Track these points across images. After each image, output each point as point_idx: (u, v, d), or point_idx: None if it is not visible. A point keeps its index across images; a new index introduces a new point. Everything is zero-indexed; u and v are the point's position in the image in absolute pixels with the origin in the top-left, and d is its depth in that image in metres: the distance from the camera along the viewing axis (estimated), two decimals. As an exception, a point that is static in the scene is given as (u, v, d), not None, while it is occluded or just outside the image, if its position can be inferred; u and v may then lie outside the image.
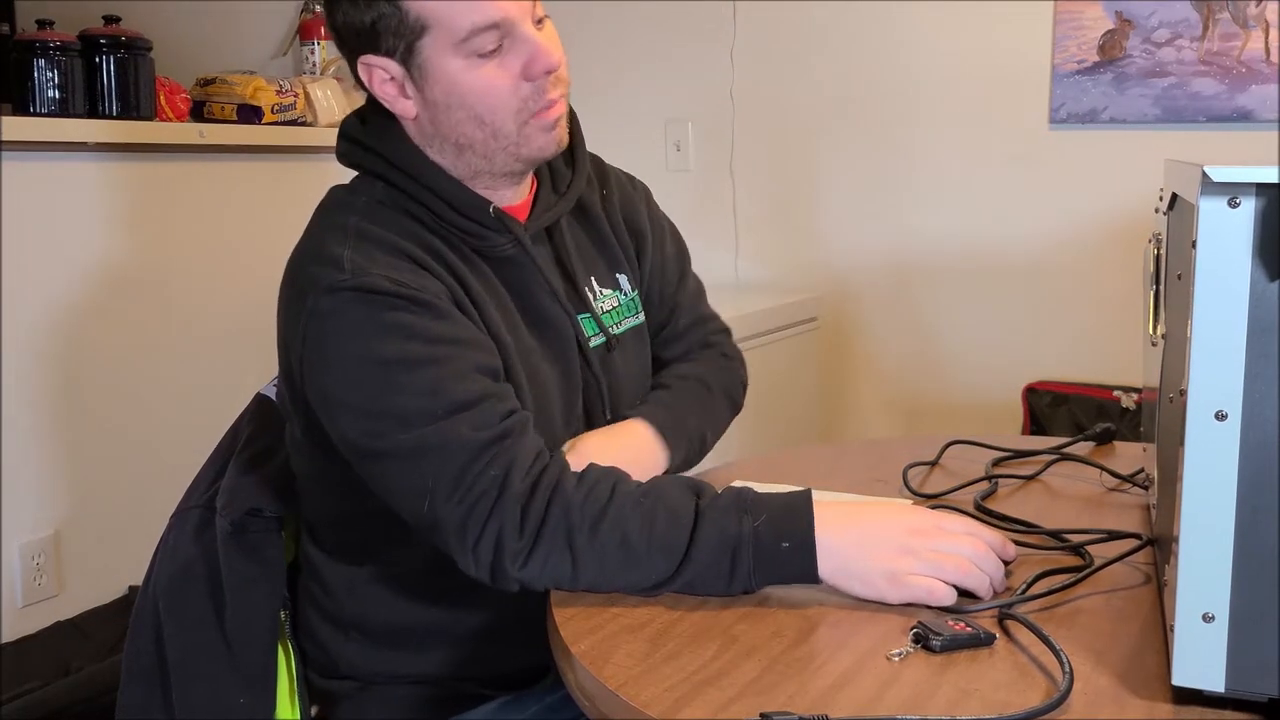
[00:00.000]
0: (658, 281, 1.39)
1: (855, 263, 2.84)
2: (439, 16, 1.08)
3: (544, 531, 1.01)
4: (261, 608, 1.26)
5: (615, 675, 0.87)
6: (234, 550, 1.26)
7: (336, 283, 1.08)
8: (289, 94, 2.56)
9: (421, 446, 1.04)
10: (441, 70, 1.11)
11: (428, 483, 1.03)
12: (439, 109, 1.13)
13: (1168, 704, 0.81)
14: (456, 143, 1.15)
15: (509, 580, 1.03)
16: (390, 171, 1.17)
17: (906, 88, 2.75)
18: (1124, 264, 2.52)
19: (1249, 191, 0.74)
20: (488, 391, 1.08)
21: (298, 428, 1.19)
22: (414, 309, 1.07)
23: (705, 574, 1.00)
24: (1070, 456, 1.43)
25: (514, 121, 1.13)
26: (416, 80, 1.13)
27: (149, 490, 2.30)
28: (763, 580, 1.01)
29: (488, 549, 1.02)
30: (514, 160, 1.17)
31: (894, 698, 0.82)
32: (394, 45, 1.11)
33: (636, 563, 1.00)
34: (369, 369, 1.06)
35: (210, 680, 1.23)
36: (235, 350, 2.51)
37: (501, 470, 1.03)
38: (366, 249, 1.11)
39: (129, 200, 2.31)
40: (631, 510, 1.02)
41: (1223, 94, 2.45)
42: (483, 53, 1.10)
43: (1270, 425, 0.75)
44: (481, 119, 1.13)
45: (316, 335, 1.09)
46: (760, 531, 1.00)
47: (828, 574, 1.00)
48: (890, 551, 0.99)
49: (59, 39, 2.12)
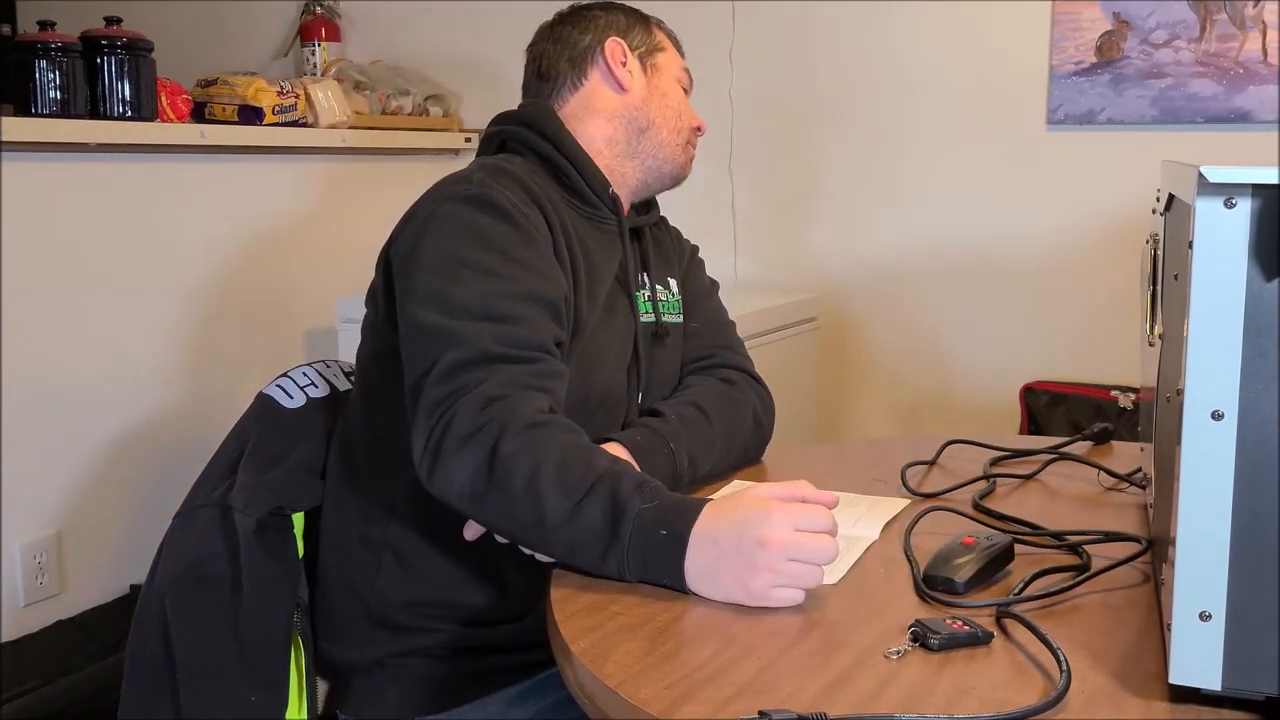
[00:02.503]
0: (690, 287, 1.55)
1: (854, 263, 2.84)
2: (668, 49, 1.51)
3: (482, 431, 1.09)
4: (279, 606, 1.27)
5: (614, 673, 0.87)
6: (256, 549, 1.28)
7: (461, 192, 1.26)
8: (290, 95, 2.57)
9: (447, 331, 1.16)
10: (670, 75, 1.49)
11: (432, 362, 1.15)
12: (657, 94, 1.46)
13: (1165, 702, 0.82)
14: (652, 121, 1.45)
15: (434, 473, 1.11)
16: (538, 141, 1.39)
17: (905, 89, 2.76)
18: (1121, 264, 2.53)
19: (1245, 192, 0.74)
20: (526, 316, 1.20)
21: (381, 312, 1.31)
22: (509, 224, 1.24)
23: (586, 535, 1.04)
24: (1068, 456, 1.44)
25: (685, 134, 1.49)
26: (647, 69, 1.47)
27: (150, 490, 2.30)
28: (635, 566, 1.03)
29: (437, 434, 1.11)
30: (670, 160, 1.47)
31: (892, 696, 0.83)
32: (640, 43, 1.48)
33: (535, 495, 1.06)
34: (448, 258, 1.22)
35: (220, 679, 1.24)
36: (237, 350, 2.52)
37: (494, 384, 1.12)
38: (498, 176, 1.29)
39: (130, 201, 2.31)
40: (557, 449, 1.09)
41: (1220, 95, 2.45)
42: (684, 87, 1.51)
43: (1267, 424, 0.75)
44: (680, 115, 1.48)
45: (429, 224, 1.25)
46: (645, 513, 1.03)
47: (693, 580, 1.01)
48: (746, 570, 0.99)
49: (60, 40, 2.12)
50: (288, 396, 1.39)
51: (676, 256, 1.56)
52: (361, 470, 1.32)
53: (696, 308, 1.53)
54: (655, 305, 1.45)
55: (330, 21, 3.19)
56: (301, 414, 1.38)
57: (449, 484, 1.11)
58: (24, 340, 2.12)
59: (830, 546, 1.00)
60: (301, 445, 1.36)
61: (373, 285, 1.34)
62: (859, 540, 1.17)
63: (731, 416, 1.42)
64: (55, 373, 2.18)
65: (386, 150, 2.90)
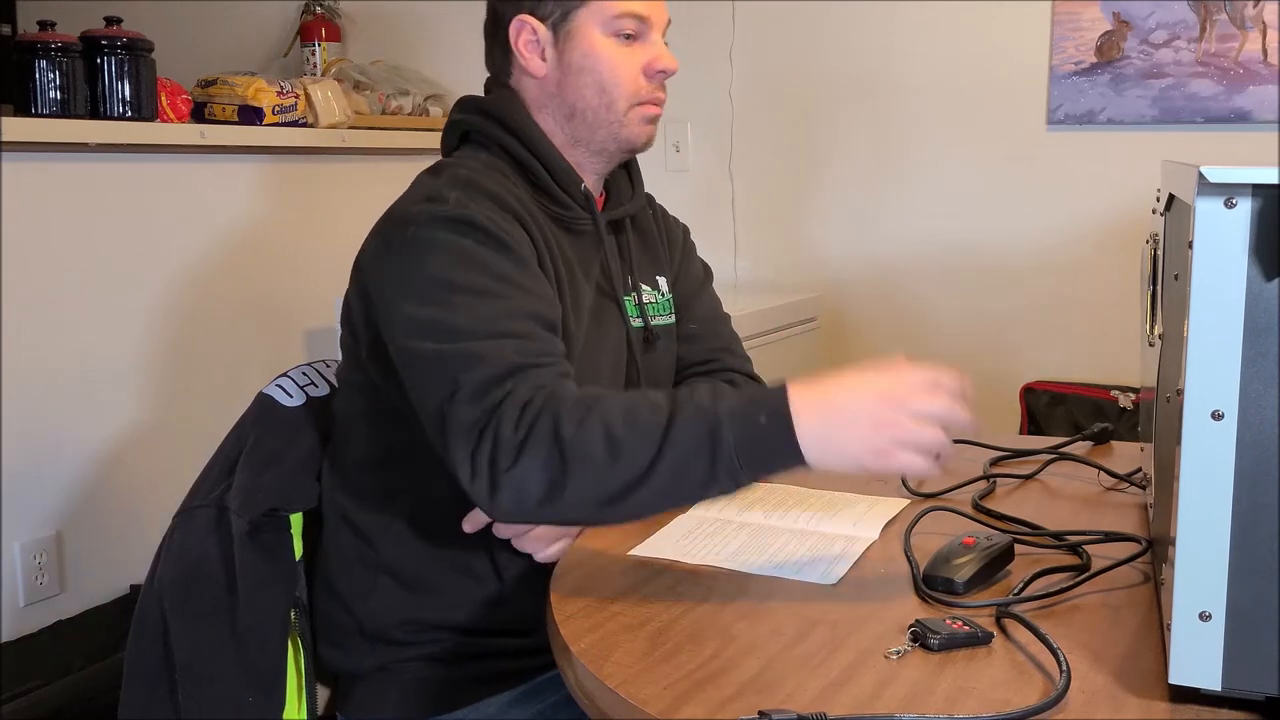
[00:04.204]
0: (684, 281, 1.48)
1: (854, 263, 2.84)
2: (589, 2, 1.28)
3: (536, 428, 1.04)
4: (275, 607, 1.27)
5: (615, 673, 0.87)
6: (250, 550, 1.27)
7: (438, 212, 1.18)
8: (290, 95, 2.57)
9: (461, 353, 1.10)
10: (587, 38, 1.28)
11: (455, 384, 1.08)
12: (571, 71, 1.29)
13: (1165, 702, 0.82)
14: (573, 106, 1.30)
15: (499, 490, 1.04)
16: (503, 135, 1.30)
17: (904, 88, 2.76)
18: (1121, 264, 2.52)
19: (1245, 192, 0.74)
20: (535, 332, 1.14)
21: (362, 346, 1.25)
22: (496, 247, 1.17)
23: (686, 457, 1.01)
24: (1068, 456, 1.44)
25: (625, 102, 1.30)
26: (559, 44, 1.29)
27: (150, 490, 2.30)
28: (747, 461, 1.00)
29: (485, 452, 1.04)
30: (611, 139, 1.31)
31: (892, 696, 0.83)
32: (551, 10, 1.29)
33: (619, 450, 1.01)
34: (438, 285, 1.14)
35: (219, 679, 1.24)
36: (236, 350, 2.51)
37: (525, 388, 1.07)
38: (472, 193, 1.21)
39: (130, 201, 2.31)
40: (614, 404, 1.05)
41: (1220, 95, 2.45)
42: (623, 34, 1.28)
43: (1266, 424, 0.75)
44: (604, 88, 1.29)
45: (407, 251, 1.17)
46: (735, 408, 1.01)
47: (811, 451, 0.99)
48: (868, 424, 0.99)
49: (60, 40, 2.12)
50: (287, 396, 1.39)
51: (665, 248, 1.48)
52: (357, 492, 1.31)
53: (692, 306, 1.48)
54: (643, 309, 1.39)
55: (330, 21, 3.19)
56: (301, 413, 1.38)
57: (521, 494, 1.04)
58: (24, 340, 2.12)
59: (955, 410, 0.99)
60: (300, 444, 1.36)
61: (347, 300, 1.29)
62: (859, 540, 1.17)
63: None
64: (55, 372, 2.18)
65: (387, 150, 2.89)
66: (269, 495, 1.30)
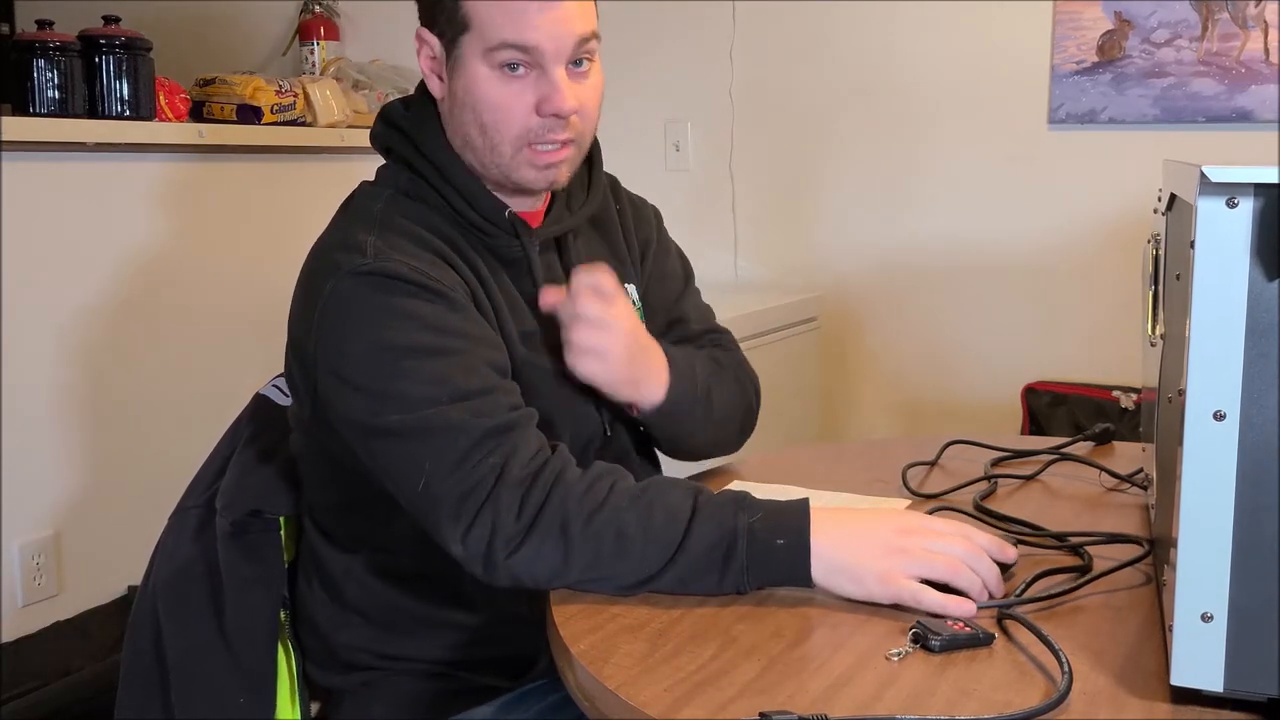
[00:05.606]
0: (658, 286, 1.40)
1: (855, 263, 2.84)
2: (480, 21, 1.13)
3: (540, 518, 1.01)
4: (261, 608, 1.26)
5: (615, 675, 0.87)
6: (234, 551, 1.26)
7: (358, 266, 1.09)
8: (288, 94, 2.56)
9: (424, 427, 1.04)
10: (469, 70, 1.15)
11: (425, 464, 1.03)
12: (455, 102, 1.18)
13: (1166, 704, 0.81)
14: (464, 138, 1.19)
15: (497, 569, 1.02)
16: (417, 159, 1.21)
17: (906, 88, 2.75)
18: (1123, 264, 2.52)
19: (1247, 192, 0.74)
20: (494, 385, 1.09)
21: (305, 410, 1.18)
22: (430, 298, 1.09)
23: (698, 569, 1.00)
24: (1069, 456, 1.43)
25: (510, 145, 1.16)
26: (451, 69, 1.17)
27: (149, 490, 2.30)
28: (755, 579, 1.01)
29: (481, 535, 1.01)
30: (504, 179, 1.20)
31: (893, 698, 0.83)
32: (444, 30, 1.16)
33: (629, 554, 1.00)
34: (380, 353, 1.06)
35: (210, 680, 1.23)
36: (235, 350, 2.51)
37: (502, 459, 1.03)
38: (391, 237, 1.13)
39: (128, 201, 2.31)
40: (629, 503, 1.02)
41: (1222, 94, 2.45)
42: (504, 65, 1.13)
43: (1269, 425, 0.75)
44: (485, 128, 1.16)
45: (334, 316, 1.09)
46: (755, 528, 1.01)
47: (820, 575, 1.00)
48: (880, 550, 0.99)
49: (59, 39, 2.12)
50: (284, 396, 1.38)
51: (628, 251, 1.36)
52: (323, 530, 1.27)
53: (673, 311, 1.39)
54: None
55: (329, 20, 3.19)
56: None
57: (520, 579, 1.02)
58: (24, 340, 2.12)
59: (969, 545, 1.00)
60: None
61: (286, 354, 1.20)
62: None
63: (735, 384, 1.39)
64: (55, 372, 2.18)
65: (386, 150, 2.89)
66: (251, 496, 1.28)
